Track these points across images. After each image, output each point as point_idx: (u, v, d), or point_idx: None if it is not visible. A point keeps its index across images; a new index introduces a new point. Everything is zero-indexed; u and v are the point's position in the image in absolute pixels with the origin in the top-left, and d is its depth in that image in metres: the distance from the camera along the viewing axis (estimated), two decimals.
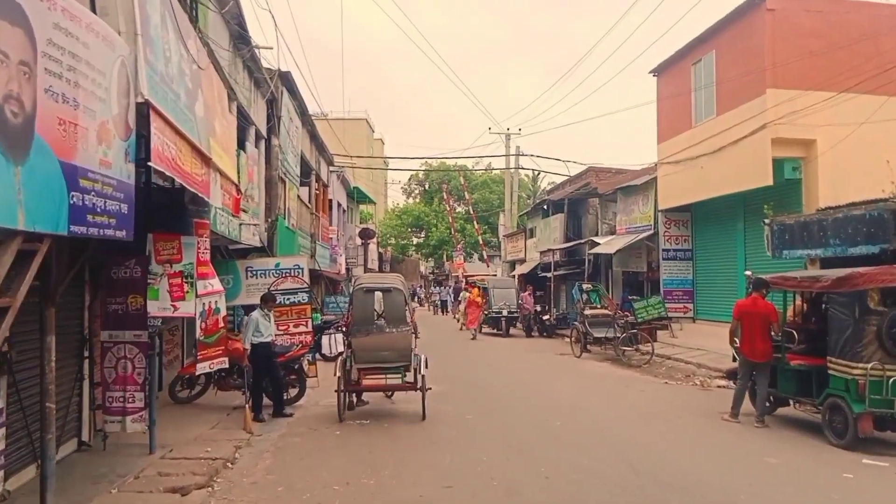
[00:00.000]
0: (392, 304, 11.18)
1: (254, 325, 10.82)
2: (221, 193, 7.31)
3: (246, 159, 12.89)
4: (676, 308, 20.40)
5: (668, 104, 20.16)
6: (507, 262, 43.40)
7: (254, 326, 10.82)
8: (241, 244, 13.39)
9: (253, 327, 10.81)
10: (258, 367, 10.83)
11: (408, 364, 10.91)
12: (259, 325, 10.88)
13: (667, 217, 20.65)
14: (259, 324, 10.89)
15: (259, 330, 10.88)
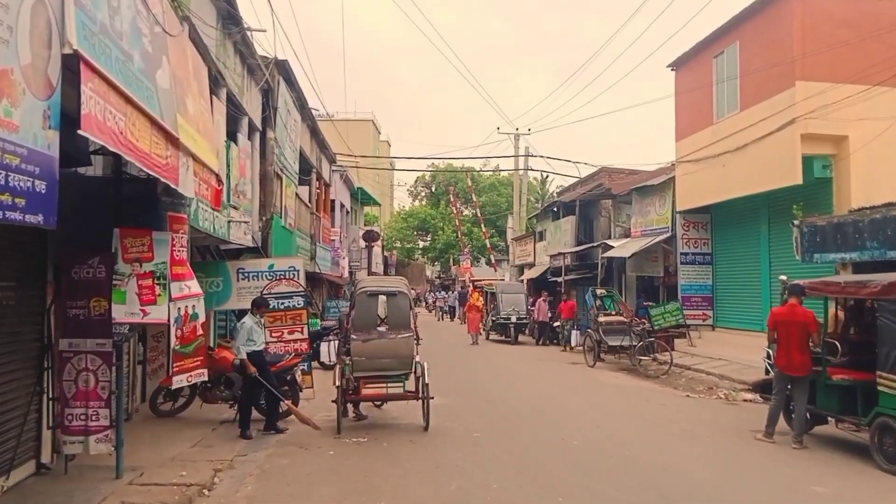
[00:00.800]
0: (396, 309, 10.47)
1: (246, 333, 9.88)
2: (197, 182, 6.35)
3: (237, 152, 11.97)
4: (695, 315, 19.35)
5: (688, 99, 19.14)
6: (516, 267, 42.38)
7: (246, 334, 9.88)
8: (231, 244, 12.49)
9: (245, 335, 9.87)
10: (250, 379, 9.88)
11: (409, 372, 10.32)
12: (252, 333, 9.96)
13: (685, 219, 19.62)
14: (252, 331, 9.97)
15: (252, 338, 9.96)
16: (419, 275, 71.48)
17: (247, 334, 9.85)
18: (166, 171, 5.35)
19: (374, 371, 10.29)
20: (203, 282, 12.60)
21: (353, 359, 10.27)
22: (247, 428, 9.78)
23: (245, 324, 9.88)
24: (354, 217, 40.96)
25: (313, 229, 22.29)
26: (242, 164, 12.36)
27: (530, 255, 37.57)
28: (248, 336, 9.89)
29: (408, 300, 10.59)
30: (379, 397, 10.87)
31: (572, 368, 18.19)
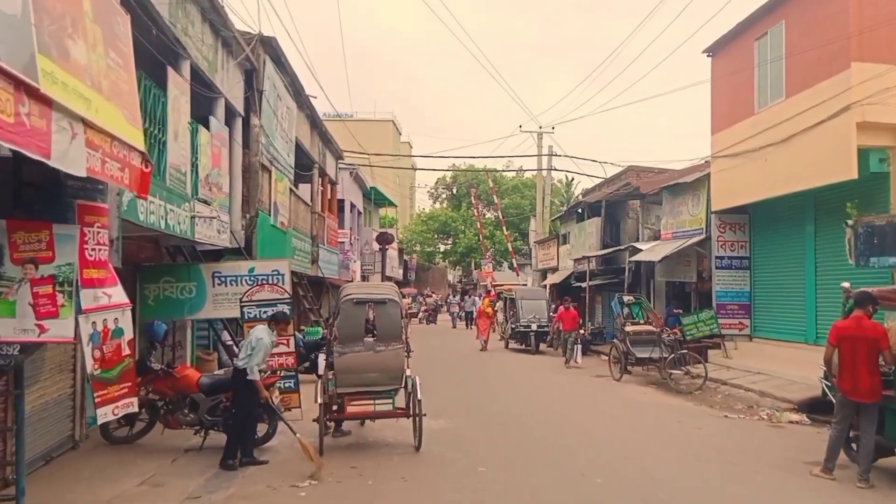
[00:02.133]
0: (385, 319, 9.48)
1: (265, 351, 8.50)
2: (99, 160, 4.79)
3: (209, 138, 10.46)
4: (731, 324, 17.50)
5: (726, 87, 17.28)
6: (538, 271, 40.68)
7: (264, 352, 8.51)
8: (204, 244, 10.99)
9: (263, 353, 8.48)
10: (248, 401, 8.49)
11: (399, 387, 9.47)
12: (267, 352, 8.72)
13: (721, 219, 17.77)
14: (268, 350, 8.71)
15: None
16: (440, 279, 70.42)
17: (265, 352, 8.51)
18: (17, 134, 3.79)
19: (361, 386, 9.32)
20: (173, 287, 11.22)
21: (337, 373, 9.23)
22: (232, 457, 8.36)
23: (263, 340, 8.45)
24: (368, 219, 39.47)
25: (315, 230, 20.77)
26: (216, 153, 10.85)
27: (553, 259, 35.89)
28: (266, 354, 8.61)
29: (398, 308, 9.52)
30: (365, 415, 9.76)
31: (596, 382, 16.47)
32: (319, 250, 20.84)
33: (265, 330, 8.65)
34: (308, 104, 18.59)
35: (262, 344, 8.44)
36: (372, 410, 9.51)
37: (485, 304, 27.83)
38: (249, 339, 8.53)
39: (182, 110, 9.04)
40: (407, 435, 9.50)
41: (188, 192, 9.21)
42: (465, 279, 68.10)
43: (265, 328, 8.69)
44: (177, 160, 8.74)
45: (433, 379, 16.18)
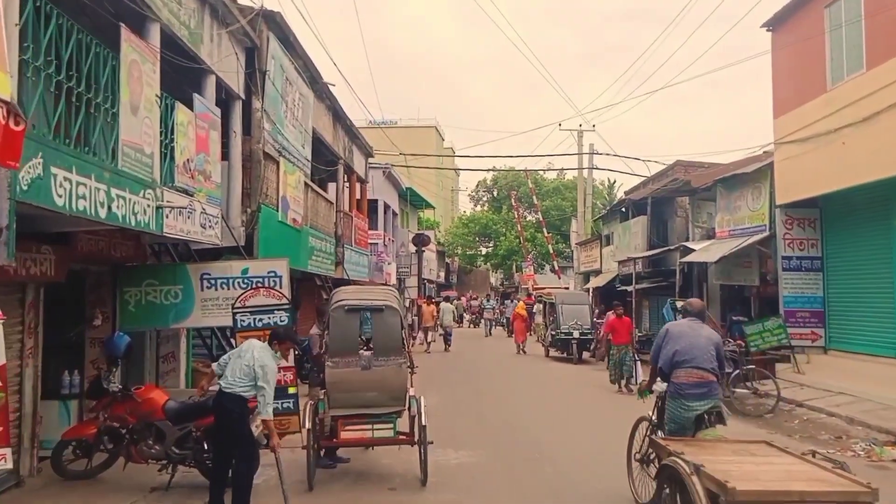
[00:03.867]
0: (383, 329, 8.05)
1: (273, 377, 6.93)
2: None
3: (191, 118, 8.96)
4: (801, 334, 15.45)
5: (790, 64, 15.29)
6: (581, 274, 38.84)
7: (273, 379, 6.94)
8: (199, 242, 9.54)
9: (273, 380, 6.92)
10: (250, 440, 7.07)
11: (401, 409, 8.13)
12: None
13: (787, 214, 15.73)
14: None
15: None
16: (483, 282, 69.37)
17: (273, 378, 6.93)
18: None
19: (356, 408, 7.97)
20: (157, 291, 9.78)
21: (330, 392, 7.99)
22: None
23: (270, 367, 6.86)
24: (405, 220, 38.08)
25: (342, 229, 19.29)
26: (202, 136, 9.35)
27: (596, 261, 34.06)
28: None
29: (398, 317, 8.11)
30: (362, 442, 8.24)
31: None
32: (345, 251, 19.37)
33: (267, 351, 7.03)
34: (328, 94, 17.09)
35: (271, 373, 6.87)
36: (370, 437, 8.06)
37: (520, 306, 26.87)
38: (250, 364, 6.85)
39: (146, 80, 7.55)
40: (412, 466, 8.02)
41: (155, 178, 7.71)
42: (506, 282, 66.77)
43: (266, 349, 7.05)
44: (135, 138, 7.24)
45: (457, 396, 14.56)
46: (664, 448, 5.79)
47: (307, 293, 18.01)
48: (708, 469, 4.91)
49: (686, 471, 5.04)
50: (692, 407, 6.64)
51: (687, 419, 6.68)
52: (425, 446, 7.75)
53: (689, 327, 7.07)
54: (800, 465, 5.41)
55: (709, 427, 6.62)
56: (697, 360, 6.69)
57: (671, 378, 6.86)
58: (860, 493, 4.71)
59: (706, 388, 6.68)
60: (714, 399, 6.71)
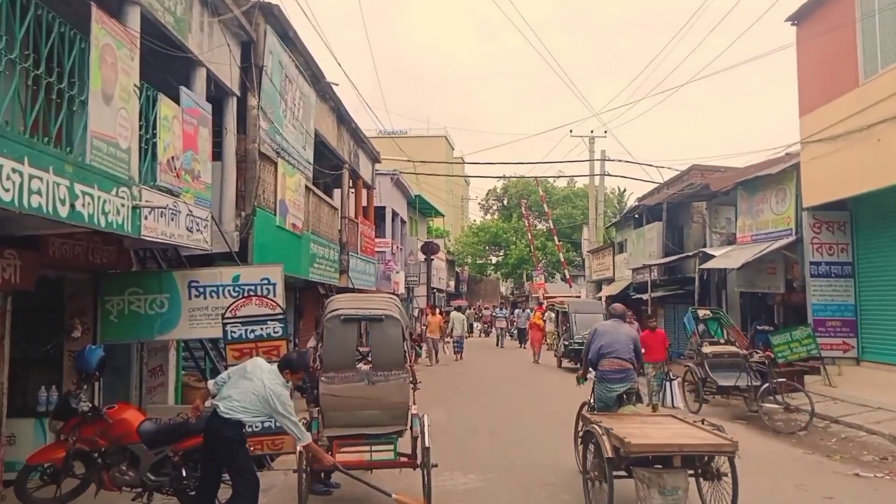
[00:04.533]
0: (383, 341, 7.34)
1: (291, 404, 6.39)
2: None
3: (176, 112, 8.24)
4: (832, 344, 14.57)
5: (818, 58, 14.47)
6: (593, 282, 38.01)
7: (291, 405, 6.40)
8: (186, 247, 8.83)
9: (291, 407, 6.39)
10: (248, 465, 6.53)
11: (402, 429, 7.42)
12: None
13: (815, 218, 14.87)
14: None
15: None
16: (493, 291, 68.80)
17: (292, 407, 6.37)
18: None
19: (353, 427, 7.26)
20: (141, 301, 9.06)
21: (324, 410, 7.27)
22: None
23: (283, 396, 6.30)
24: (414, 228, 37.38)
25: (348, 236, 18.58)
26: (189, 133, 8.63)
27: (609, 269, 33.22)
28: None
29: (399, 327, 7.34)
30: (359, 465, 7.32)
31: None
32: (350, 259, 18.65)
33: (277, 377, 6.39)
34: (332, 95, 16.40)
35: (287, 401, 6.31)
36: (368, 459, 7.26)
37: (536, 316, 26.53)
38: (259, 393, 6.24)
39: (122, 67, 6.84)
40: (415, 492, 7.17)
41: (133, 175, 6.99)
42: (516, 291, 66.07)
43: (275, 374, 6.40)
44: (108, 130, 6.53)
45: (466, 411, 13.74)
46: (588, 419, 7.53)
47: (310, 303, 17.29)
48: (615, 431, 6.45)
49: (599, 432, 6.65)
50: (614, 388, 8.39)
51: (610, 398, 8.40)
52: (429, 470, 7.02)
53: (612, 326, 8.84)
54: (688, 429, 7.04)
55: (627, 404, 8.36)
56: (618, 352, 8.39)
57: (598, 366, 8.50)
58: (724, 445, 6.42)
59: (624, 373, 8.41)
60: (631, 382, 8.46)
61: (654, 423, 7.52)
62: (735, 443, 6.37)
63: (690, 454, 6.47)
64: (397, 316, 7.33)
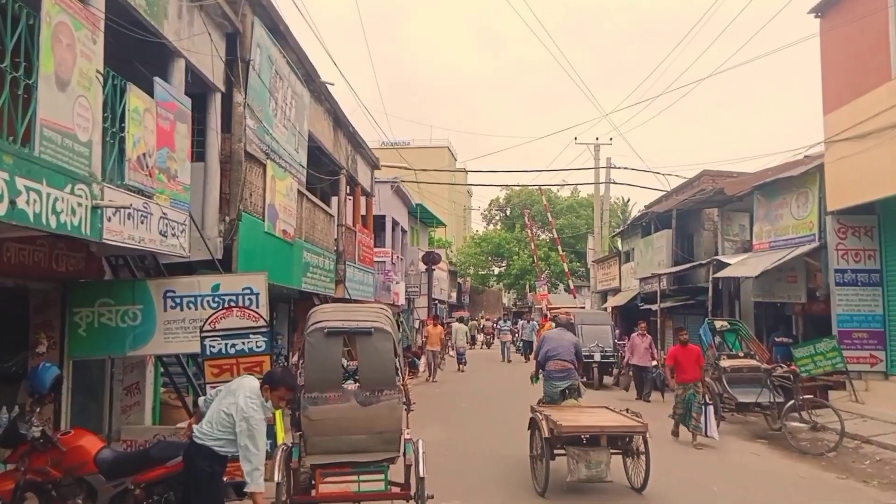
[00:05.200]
0: (372, 357, 6.53)
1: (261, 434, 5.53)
2: None
3: (151, 106, 7.46)
4: (858, 357, 13.73)
5: (844, 52, 13.66)
6: (598, 293, 37.20)
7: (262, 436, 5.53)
8: (159, 252, 8.04)
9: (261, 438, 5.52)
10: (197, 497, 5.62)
11: (394, 455, 6.58)
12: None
13: (840, 222, 14.06)
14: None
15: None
16: (495, 302, 68.03)
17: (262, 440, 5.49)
18: None
19: (339, 454, 6.45)
20: (112, 312, 8.26)
21: (307, 435, 6.49)
22: None
23: (253, 420, 5.44)
24: (415, 238, 36.57)
25: (344, 245, 17.78)
26: (165, 129, 7.84)
27: (615, 279, 32.42)
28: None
29: (391, 342, 6.54)
30: (345, 498, 6.48)
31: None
32: (347, 269, 17.84)
33: (257, 398, 5.56)
34: (328, 96, 15.62)
35: (258, 428, 5.43)
36: (355, 490, 6.42)
37: (547, 326, 24.47)
38: (230, 412, 5.48)
39: (82, 50, 6.06)
40: None
41: (95, 172, 6.20)
42: (519, 302, 65.21)
43: (256, 395, 5.58)
44: (63, 120, 5.74)
45: (467, 429, 12.84)
46: (533, 409, 9.14)
47: (305, 314, 16.44)
48: (552, 417, 8.19)
49: (539, 418, 8.41)
50: (557, 385, 9.81)
51: (555, 393, 9.83)
52: (424, 503, 6.25)
53: (557, 334, 10.43)
54: (612, 416, 8.72)
55: (569, 398, 9.72)
56: (561, 355, 9.85)
57: (545, 367, 10.03)
58: (636, 426, 8.09)
59: (566, 372, 9.82)
60: (572, 380, 9.81)
61: (587, 412, 9.21)
62: (645, 424, 8.18)
63: (610, 434, 8.12)
64: (388, 329, 6.51)
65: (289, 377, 5.95)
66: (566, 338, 10.15)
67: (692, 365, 11.91)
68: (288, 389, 5.80)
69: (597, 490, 8.33)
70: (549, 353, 9.95)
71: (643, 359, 17.12)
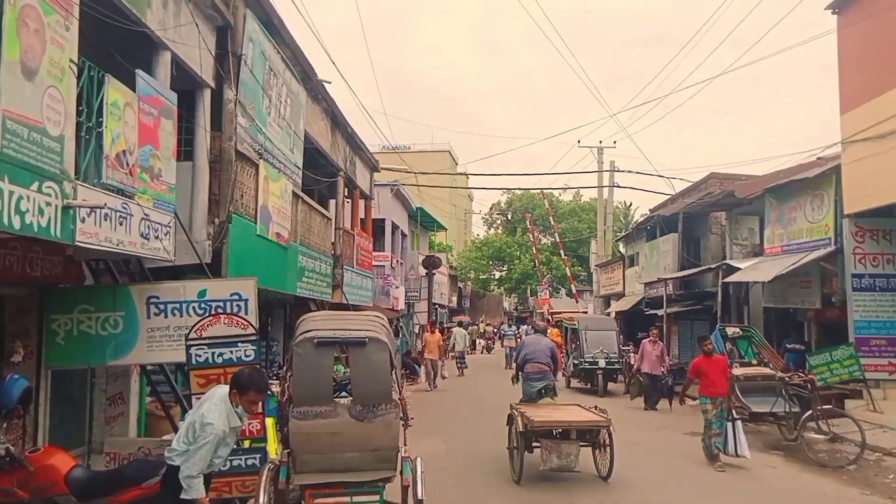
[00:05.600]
0: (366, 368, 5.96)
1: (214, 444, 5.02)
2: None
3: (132, 100, 6.97)
4: (876, 365, 13.20)
5: (863, 49, 13.12)
6: (601, 298, 36.65)
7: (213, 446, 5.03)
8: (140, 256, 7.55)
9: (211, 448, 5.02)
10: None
11: (391, 475, 6.02)
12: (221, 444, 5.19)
13: (858, 225, 13.54)
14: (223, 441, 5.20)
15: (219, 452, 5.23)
16: (496, 307, 67.57)
17: (215, 447, 5.00)
18: None
19: (331, 474, 5.89)
20: (92, 319, 7.77)
21: (295, 452, 5.91)
22: None
23: (214, 427, 4.97)
24: (416, 242, 36.08)
25: (342, 249, 17.30)
26: (147, 125, 7.35)
27: (618, 284, 31.91)
28: (216, 450, 5.05)
29: (386, 352, 5.97)
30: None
31: (693, 444, 12.38)
32: (345, 273, 17.35)
33: (223, 404, 5.13)
34: (325, 95, 15.15)
35: (211, 433, 4.94)
36: None
37: (555, 332, 24.62)
38: (192, 421, 5.08)
39: (52, 37, 5.58)
40: None
41: (67, 169, 5.72)
42: (520, 306, 64.64)
43: (223, 401, 5.15)
44: (30, 112, 5.26)
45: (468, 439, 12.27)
46: (511, 406, 9.93)
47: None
48: (526, 413, 9.16)
49: (515, 415, 9.37)
50: (534, 385, 10.82)
51: (532, 392, 10.83)
52: None
53: (534, 339, 11.55)
54: (581, 412, 9.67)
55: (545, 396, 10.72)
56: (538, 358, 10.90)
57: (524, 370, 11.03)
58: (601, 421, 8.99)
59: (542, 374, 10.84)
60: (547, 381, 10.86)
61: (560, 409, 10.08)
62: (609, 419, 9.03)
63: (579, 428, 9.07)
64: (383, 338, 5.98)
65: (258, 378, 5.40)
66: (542, 343, 11.27)
67: (718, 377, 10.61)
68: (258, 391, 5.29)
69: (567, 478, 9.25)
70: (527, 357, 11.05)
71: (655, 367, 16.36)
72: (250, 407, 5.28)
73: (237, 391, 5.14)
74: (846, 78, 13.68)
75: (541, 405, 10.26)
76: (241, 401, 5.16)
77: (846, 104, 13.58)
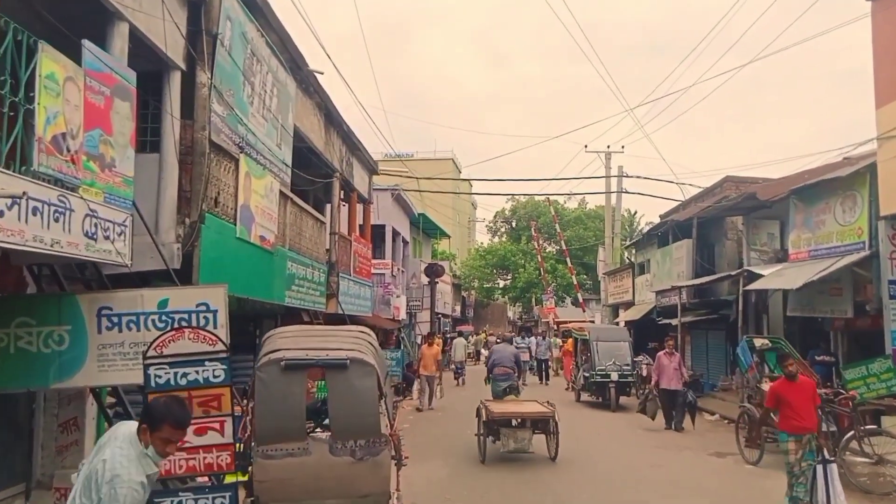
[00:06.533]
0: (348, 397, 4.99)
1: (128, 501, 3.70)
2: None
3: (77, 74, 5.92)
4: None
5: None
6: (609, 307, 35.53)
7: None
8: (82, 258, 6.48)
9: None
10: None
11: None
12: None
13: (895, 228, 12.44)
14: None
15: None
16: (500, 316, 66.32)
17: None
18: None
19: None
20: (32, 335, 6.68)
21: (261, 500, 5.09)
22: None
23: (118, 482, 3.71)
24: (418, 250, 35.03)
25: (338, 255, 16.22)
26: (96, 105, 6.30)
27: (627, 292, 30.84)
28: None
29: (373, 377, 4.99)
30: None
31: (719, 466, 11.29)
32: (341, 281, 16.27)
33: (128, 446, 3.81)
34: (317, 88, 14.11)
35: (122, 491, 3.64)
36: None
37: (569, 343, 24.96)
38: (91, 475, 3.75)
39: None
40: None
41: None
42: (525, 316, 63.44)
43: (128, 442, 3.84)
44: None
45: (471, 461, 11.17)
46: (481, 402, 12.21)
47: None
48: (489, 407, 11.70)
49: (481, 408, 11.83)
50: (500, 385, 14.03)
51: (498, 391, 13.97)
52: None
53: (501, 347, 15.55)
54: (534, 406, 12.13)
55: (510, 394, 13.78)
56: (503, 362, 14.34)
57: (492, 372, 14.38)
58: (546, 413, 11.50)
59: (506, 376, 14.15)
60: (510, 381, 14.12)
61: (519, 404, 12.50)
62: (552, 411, 11.43)
63: (530, 418, 11.42)
64: (370, 360, 4.89)
65: (176, 408, 3.99)
66: (508, 350, 15.07)
67: (807, 407, 8.23)
68: (174, 427, 3.89)
69: (522, 459, 11.45)
70: (495, 362, 14.52)
71: (673, 381, 15.04)
72: (164, 448, 3.88)
73: (148, 427, 3.83)
74: (882, 68, 12.54)
75: (505, 401, 13.07)
76: (153, 440, 3.81)
77: (882, 98, 12.43)
